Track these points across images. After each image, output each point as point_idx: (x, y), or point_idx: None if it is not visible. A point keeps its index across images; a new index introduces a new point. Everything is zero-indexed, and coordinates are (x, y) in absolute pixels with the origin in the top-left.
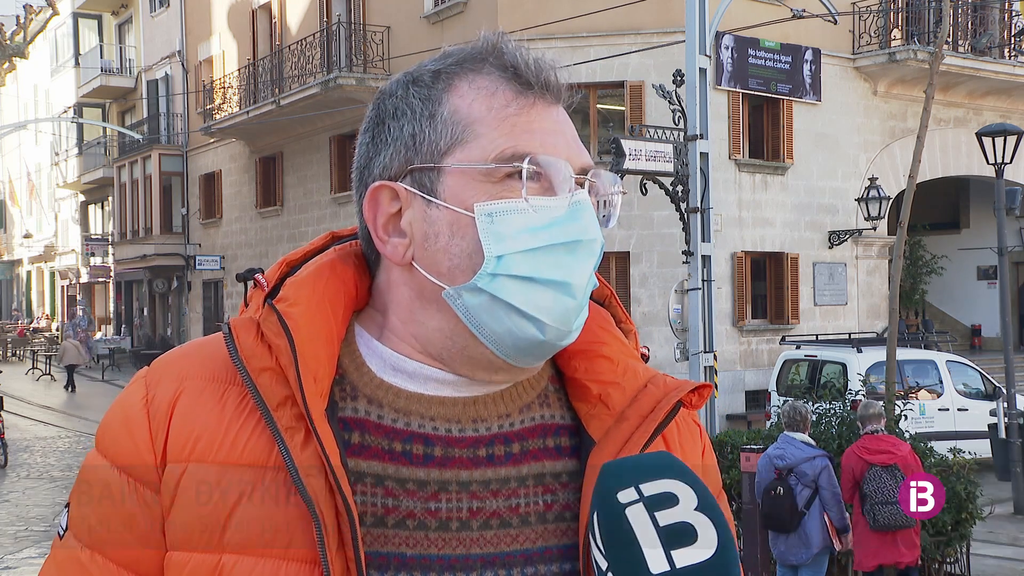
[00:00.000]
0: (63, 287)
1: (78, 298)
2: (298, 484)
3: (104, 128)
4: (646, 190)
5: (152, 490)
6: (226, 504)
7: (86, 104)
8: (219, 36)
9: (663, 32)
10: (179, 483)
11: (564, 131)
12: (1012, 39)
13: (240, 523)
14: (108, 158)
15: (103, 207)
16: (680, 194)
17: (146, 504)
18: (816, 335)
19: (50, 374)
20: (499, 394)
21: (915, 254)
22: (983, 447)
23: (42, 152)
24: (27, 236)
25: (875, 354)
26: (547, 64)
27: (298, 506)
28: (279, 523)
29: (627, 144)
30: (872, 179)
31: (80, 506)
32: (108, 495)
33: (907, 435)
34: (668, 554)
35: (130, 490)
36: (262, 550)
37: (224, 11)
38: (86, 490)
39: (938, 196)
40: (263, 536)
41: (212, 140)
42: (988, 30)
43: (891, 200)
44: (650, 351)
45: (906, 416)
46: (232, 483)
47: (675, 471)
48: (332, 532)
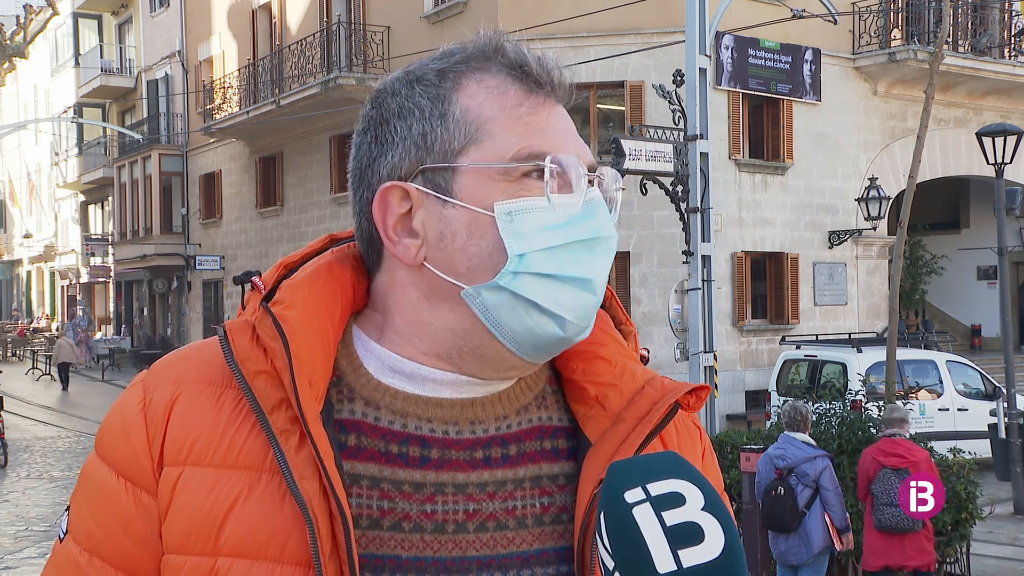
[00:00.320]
0: (63, 287)
1: (78, 298)
2: (292, 487)
3: (104, 128)
4: (646, 190)
5: (149, 493)
6: (222, 507)
7: (86, 104)
8: (219, 36)
9: (663, 32)
10: (176, 486)
11: (570, 130)
12: (1012, 39)
13: (236, 526)
14: (108, 158)
15: (103, 207)
16: (680, 194)
17: (143, 507)
18: (816, 335)
19: (50, 374)
20: (496, 396)
21: (915, 254)
22: (983, 447)
23: (42, 152)
24: (27, 236)
25: (875, 354)
26: (553, 63)
27: (293, 509)
28: (274, 526)
29: (627, 144)
30: (872, 179)
31: (79, 509)
32: (106, 498)
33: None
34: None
35: (128, 494)
36: (257, 553)
37: (224, 11)
38: (85, 493)
39: (938, 196)
40: (258, 539)
41: (212, 140)
42: (988, 30)
43: (891, 200)
44: (650, 352)
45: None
46: (228, 486)
47: (682, 471)
48: (326, 535)
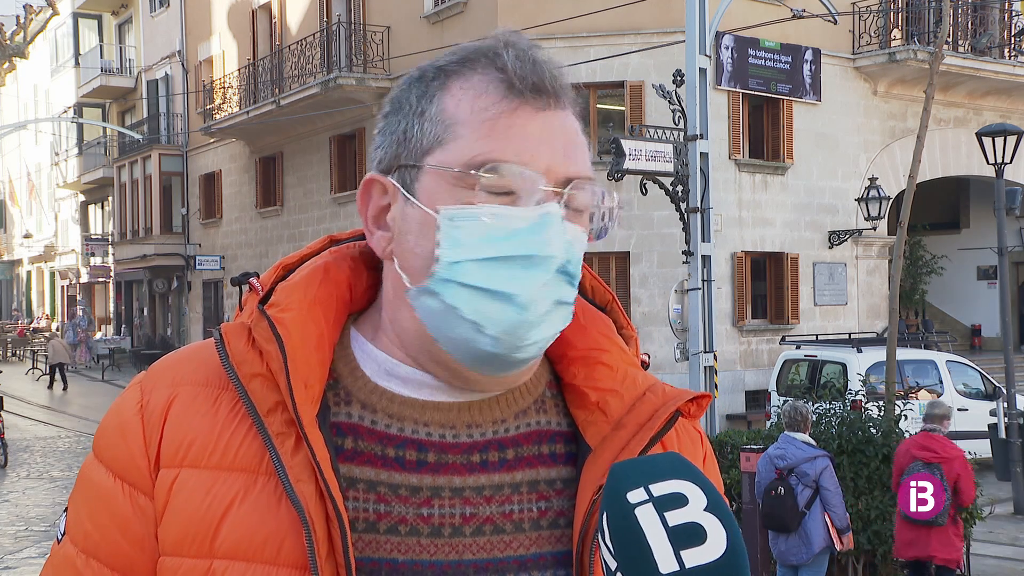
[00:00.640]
0: (63, 287)
1: (78, 298)
2: (288, 490)
3: (104, 128)
4: (646, 190)
5: (146, 495)
6: (218, 509)
7: (86, 104)
8: (219, 36)
9: (663, 32)
10: (172, 488)
11: (551, 138)
12: (1012, 39)
13: (231, 529)
14: (108, 158)
15: (103, 207)
16: (680, 194)
17: (140, 509)
18: (816, 335)
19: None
20: (495, 399)
21: (915, 254)
22: (983, 447)
23: (42, 152)
24: (27, 236)
25: (875, 354)
26: (546, 66)
27: (289, 512)
28: (270, 529)
29: (627, 144)
30: (872, 179)
31: (77, 510)
32: (103, 500)
33: (907, 435)
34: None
35: (124, 495)
36: (253, 556)
37: (224, 11)
38: (83, 494)
39: (938, 196)
40: (254, 542)
41: (212, 140)
42: (988, 30)
43: (891, 200)
44: (650, 355)
45: (906, 416)
46: (224, 488)
47: (685, 472)
48: (322, 538)
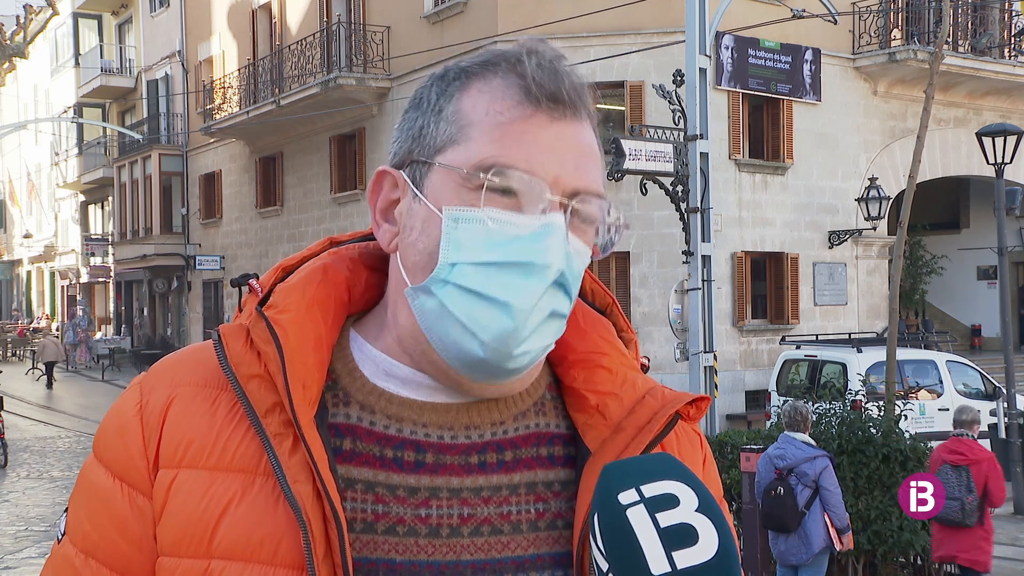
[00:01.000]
0: (63, 287)
1: (78, 298)
2: (286, 491)
3: (104, 128)
4: (646, 190)
5: (145, 495)
6: (216, 510)
7: (86, 104)
8: (219, 36)
9: (663, 32)
10: (170, 489)
11: (563, 148)
12: (1012, 39)
13: (229, 529)
14: (108, 158)
15: (103, 207)
16: (680, 194)
17: (139, 509)
18: (816, 335)
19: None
20: (494, 401)
21: (915, 254)
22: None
23: (42, 152)
24: (27, 236)
25: (875, 354)
26: (567, 77)
27: (286, 513)
28: (267, 530)
29: (627, 144)
30: (872, 179)
31: (76, 510)
32: (102, 500)
33: (907, 435)
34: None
35: (123, 495)
36: (250, 556)
37: (224, 11)
38: (82, 495)
39: (938, 196)
40: (251, 542)
41: (212, 140)
42: (988, 30)
43: (891, 200)
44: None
45: (906, 416)
46: (222, 489)
47: (676, 472)
48: (319, 539)
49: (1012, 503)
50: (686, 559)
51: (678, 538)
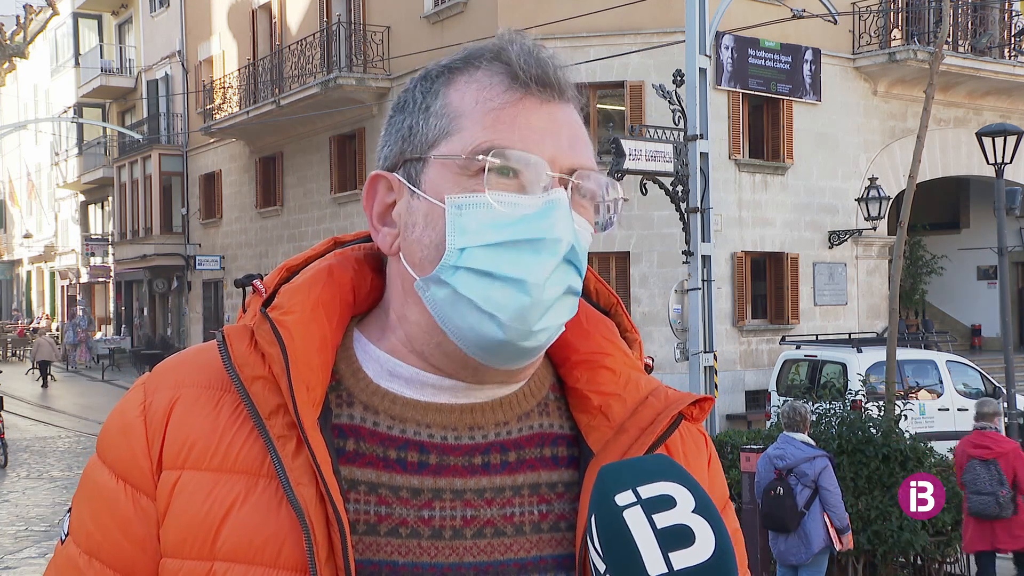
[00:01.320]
0: (63, 287)
1: (78, 298)
2: (288, 493)
3: (104, 128)
4: (646, 190)
5: (148, 496)
6: (219, 512)
7: (86, 104)
8: (219, 36)
9: (663, 32)
10: (173, 490)
11: (556, 129)
12: (1012, 39)
13: (232, 531)
14: (108, 158)
15: (103, 207)
16: (680, 194)
17: (142, 510)
18: (816, 335)
19: (50, 374)
20: (497, 402)
21: (915, 254)
22: None
23: (42, 152)
24: (27, 236)
25: (875, 354)
26: (550, 60)
27: (289, 515)
28: (270, 532)
29: (627, 144)
30: (872, 179)
31: (80, 511)
32: (106, 500)
33: (907, 435)
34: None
35: (127, 496)
36: (253, 558)
37: (224, 11)
38: (86, 495)
39: (938, 196)
40: (254, 544)
41: (212, 140)
42: (988, 30)
43: (891, 200)
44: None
45: (906, 416)
46: (225, 491)
47: (672, 474)
48: (322, 541)
49: None
50: (683, 560)
51: (675, 539)
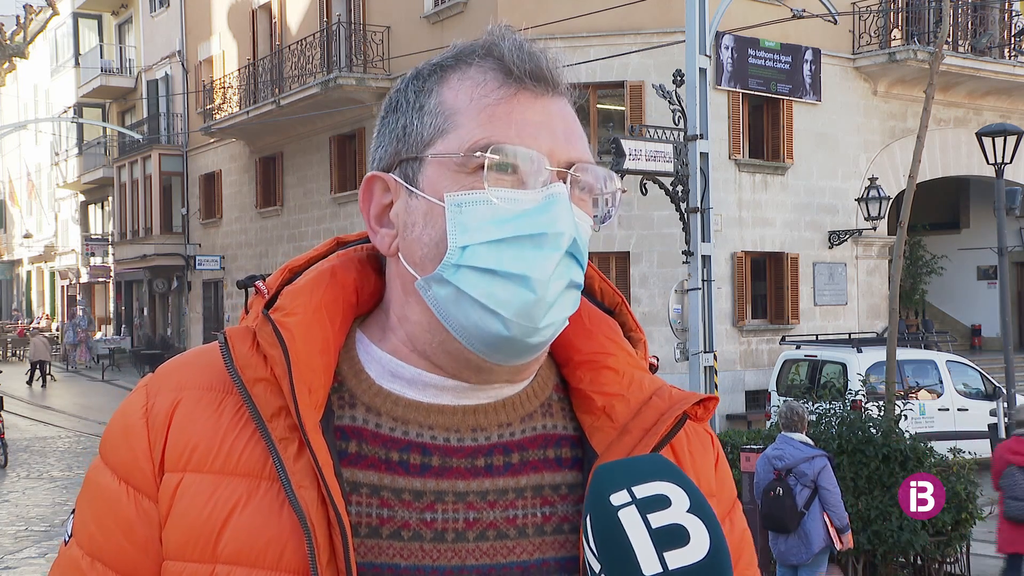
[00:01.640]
0: (63, 287)
1: (78, 298)
2: (290, 496)
3: (104, 128)
4: (646, 190)
5: (150, 499)
6: (221, 514)
7: (86, 104)
8: (219, 36)
9: (663, 32)
10: (176, 492)
11: (551, 123)
12: (1012, 39)
13: (234, 533)
14: (108, 158)
15: (103, 207)
16: (680, 194)
17: (144, 513)
18: (816, 335)
19: (50, 374)
20: (500, 403)
21: (915, 254)
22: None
23: (42, 152)
24: (27, 236)
25: (875, 354)
26: (542, 55)
27: (290, 518)
28: (272, 534)
29: (627, 144)
30: (872, 179)
31: (83, 513)
32: (108, 503)
33: (907, 435)
34: (660, 556)
35: (129, 498)
36: (255, 561)
37: (224, 11)
38: (89, 497)
39: (938, 196)
40: (256, 547)
41: (212, 140)
42: (988, 30)
43: (891, 200)
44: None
45: (906, 416)
46: (227, 493)
47: (667, 473)
48: (323, 544)
49: None
50: (677, 559)
51: (670, 539)
